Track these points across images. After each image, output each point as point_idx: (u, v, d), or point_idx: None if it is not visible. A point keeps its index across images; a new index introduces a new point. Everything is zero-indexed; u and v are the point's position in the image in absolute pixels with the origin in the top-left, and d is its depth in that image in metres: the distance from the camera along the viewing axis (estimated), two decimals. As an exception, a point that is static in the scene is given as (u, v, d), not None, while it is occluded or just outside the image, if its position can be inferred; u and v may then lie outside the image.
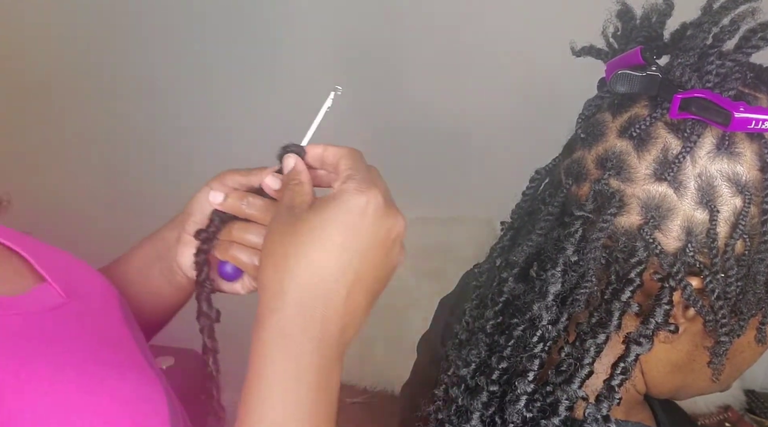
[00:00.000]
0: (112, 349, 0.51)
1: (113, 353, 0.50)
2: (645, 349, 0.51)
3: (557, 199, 0.56)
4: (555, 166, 0.59)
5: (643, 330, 0.51)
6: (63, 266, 0.54)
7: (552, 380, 0.52)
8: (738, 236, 0.49)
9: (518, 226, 0.61)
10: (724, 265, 0.50)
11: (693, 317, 0.52)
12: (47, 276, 0.51)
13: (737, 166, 0.49)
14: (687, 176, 0.50)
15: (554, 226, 0.56)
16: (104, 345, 0.50)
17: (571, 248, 0.52)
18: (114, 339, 0.53)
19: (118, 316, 0.56)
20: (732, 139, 0.49)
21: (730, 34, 0.49)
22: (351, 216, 0.48)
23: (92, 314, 0.53)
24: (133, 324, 0.58)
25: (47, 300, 0.49)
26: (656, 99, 0.51)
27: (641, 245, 0.51)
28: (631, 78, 0.50)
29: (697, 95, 0.48)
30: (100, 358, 0.48)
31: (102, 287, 0.58)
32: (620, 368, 0.51)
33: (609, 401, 0.50)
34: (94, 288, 0.56)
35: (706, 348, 0.54)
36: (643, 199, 0.51)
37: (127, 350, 0.53)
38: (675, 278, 0.50)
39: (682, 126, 0.50)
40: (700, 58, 0.49)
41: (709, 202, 0.49)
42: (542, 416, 0.52)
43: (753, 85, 0.51)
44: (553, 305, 0.52)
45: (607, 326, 0.51)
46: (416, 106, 1.42)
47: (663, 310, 0.50)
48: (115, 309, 0.57)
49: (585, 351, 0.51)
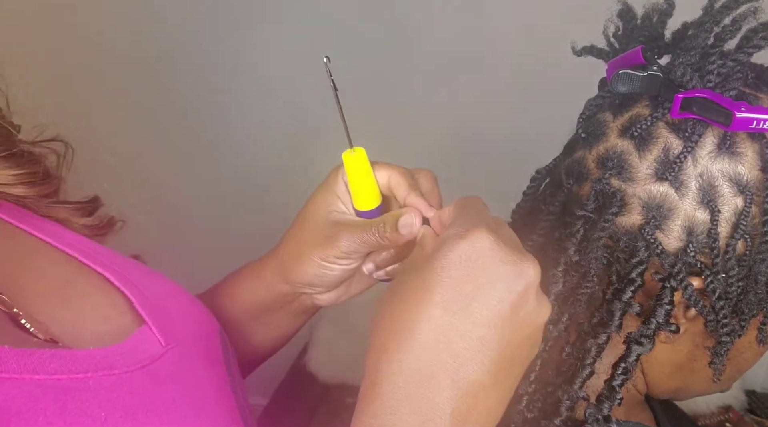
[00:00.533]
0: (204, 404, 0.44)
1: (205, 410, 0.44)
2: (646, 349, 0.51)
3: (558, 199, 0.56)
4: (555, 166, 0.59)
5: (644, 330, 0.50)
6: (164, 304, 0.48)
7: (553, 380, 0.52)
8: (739, 236, 0.49)
9: (518, 226, 0.61)
10: (726, 265, 0.50)
11: (694, 318, 0.52)
12: (147, 319, 0.45)
13: (738, 166, 0.49)
14: (688, 176, 0.49)
15: (555, 226, 0.56)
16: (195, 403, 0.43)
17: (572, 248, 0.52)
18: (209, 389, 0.46)
19: (218, 358, 0.50)
20: (733, 139, 0.49)
21: (731, 34, 0.49)
22: (452, 270, 0.38)
23: (191, 362, 0.46)
24: (231, 362, 0.53)
25: (146, 350, 0.43)
26: (657, 99, 0.51)
27: (642, 245, 0.51)
28: (633, 78, 0.50)
29: (698, 95, 0.48)
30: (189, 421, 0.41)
31: (205, 325, 0.52)
32: (621, 368, 0.51)
33: (610, 401, 0.50)
34: (198, 326, 0.51)
35: (707, 348, 0.54)
36: (644, 199, 0.51)
37: (221, 400, 0.46)
38: (676, 278, 0.50)
39: (683, 126, 0.50)
40: (701, 57, 0.49)
41: (710, 202, 0.49)
42: (543, 417, 0.52)
43: (754, 86, 0.51)
44: (553, 304, 0.52)
45: (608, 326, 0.51)
46: (416, 106, 1.42)
47: (664, 310, 0.50)
48: (216, 349, 0.51)
49: (586, 351, 0.51)
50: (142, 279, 0.49)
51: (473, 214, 0.42)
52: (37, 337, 0.39)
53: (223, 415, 0.45)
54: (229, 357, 0.53)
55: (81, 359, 0.38)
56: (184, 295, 0.53)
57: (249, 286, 0.61)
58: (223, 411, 0.45)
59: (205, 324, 0.52)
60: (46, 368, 0.35)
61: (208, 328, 0.52)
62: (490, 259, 0.38)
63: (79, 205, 0.51)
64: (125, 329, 0.43)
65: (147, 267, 0.54)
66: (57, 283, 0.44)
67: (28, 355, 0.35)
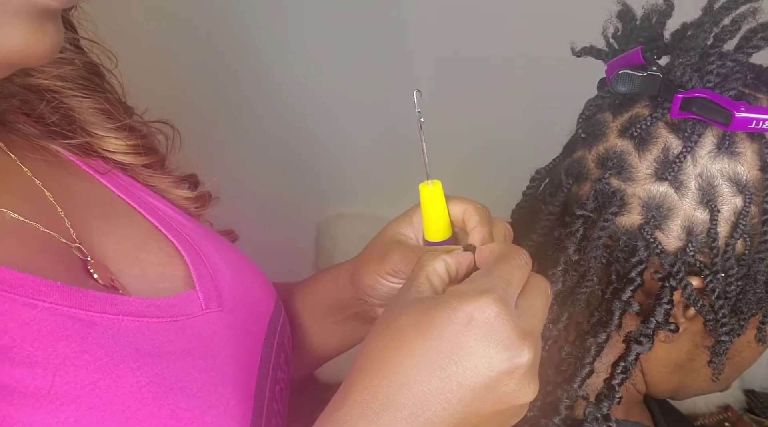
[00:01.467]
0: (218, 373, 0.47)
1: (216, 378, 0.46)
2: (645, 348, 0.51)
3: (558, 198, 0.56)
4: (555, 166, 0.60)
5: (643, 329, 0.51)
6: (220, 275, 0.53)
7: (552, 379, 0.52)
8: (738, 236, 0.50)
9: (518, 226, 0.61)
10: (725, 264, 0.50)
11: (693, 317, 0.52)
12: (197, 285, 0.50)
13: (738, 166, 0.49)
14: (688, 176, 0.50)
15: (555, 225, 0.56)
16: (209, 369, 0.46)
17: (572, 247, 0.52)
18: (227, 362, 0.48)
19: (259, 337, 0.53)
20: (733, 138, 0.50)
21: (731, 34, 0.49)
22: (450, 327, 0.39)
23: (224, 330, 0.50)
24: (275, 344, 0.56)
25: (184, 308, 0.48)
26: (657, 99, 0.51)
27: (642, 245, 0.51)
28: (632, 78, 0.50)
29: (697, 95, 0.48)
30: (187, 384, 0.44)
31: (260, 301, 0.56)
32: (621, 367, 0.51)
33: (609, 400, 0.51)
34: (250, 299, 0.54)
35: (706, 348, 0.54)
36: (643, 199, 0.51)
37: (240, 376, 0.49)
38: (675, 278, 0.50)
39: (682, 126, 0.50)
40: (701, 58, 0.49)
41: (709, 201, 0.49)
42: (542, 415, 0.52)
43: (753, 86, 0.51)
44: (553, 304, 0.52)
45: (607, 325, 0.51)
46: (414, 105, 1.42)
47: (663, 309, 0.50)
48: (261, 329, 0.54)
49: (585, 350, 0.51)
50: (210, 249, 0.54)
51: (501, 274, 0.42)
52: (98, 282, 0.45)
53: (236, 393, 0.48)
54: (277, 335, 0.56)
55: (119, 304, 0.43)
56: (248, 268, 0.57)
57: (326, 282, 0.65)
58: (234, 389, 0.48)
59: (257, 299, 0.56)
60: (85, 306, 0.41)
61: (261, 303, 0.56)
62: (484, 331, 0.39)
63: (180, 178, 0.59)
64: (176, 290, 0.49)
65: (224, 240, 0.59)
66: (134, 243, 0.50)
67: (74, 293, 0.41)
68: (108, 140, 0.53)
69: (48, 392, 0.38)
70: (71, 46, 0.52)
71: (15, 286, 0.39)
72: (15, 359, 0.37)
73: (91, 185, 0.53)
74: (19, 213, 0.44)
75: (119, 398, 0.40)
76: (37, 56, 0.36)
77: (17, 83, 0.50)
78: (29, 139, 0.51)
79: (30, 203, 0.46)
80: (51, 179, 0.49)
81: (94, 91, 0.53)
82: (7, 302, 0.38)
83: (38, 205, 0.47)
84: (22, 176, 0.48)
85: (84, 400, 0.39)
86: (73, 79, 0.51)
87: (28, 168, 0.48)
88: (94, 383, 0.39)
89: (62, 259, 0.45)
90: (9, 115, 0.50)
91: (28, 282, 0.40)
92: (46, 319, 0.39)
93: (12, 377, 0.37)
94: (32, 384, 0.37)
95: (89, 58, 0.53)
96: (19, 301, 0.39)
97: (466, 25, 1.37)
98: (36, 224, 0.45)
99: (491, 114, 1.40)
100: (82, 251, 0.46)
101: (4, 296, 0.39)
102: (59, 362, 0.39)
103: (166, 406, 0.42)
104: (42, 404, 0.37)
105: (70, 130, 0.52)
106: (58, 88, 0.51)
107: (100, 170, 0.54)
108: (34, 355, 0.38)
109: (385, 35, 1.42)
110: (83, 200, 0.51)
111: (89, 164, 0.53)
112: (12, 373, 0.37)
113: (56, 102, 0.51)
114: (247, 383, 0.50)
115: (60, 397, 0.38)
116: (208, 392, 0.45)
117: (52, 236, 0.45)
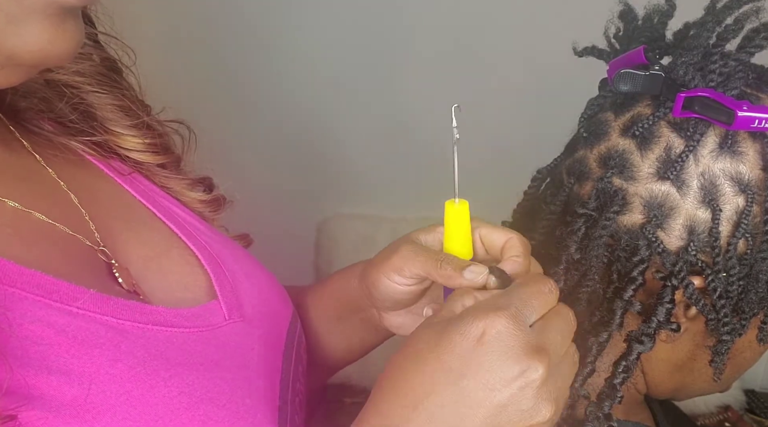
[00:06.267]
0: (245, 384, 0.47)
1: (243, 389, 0.46)
2: (647, 347, 0.51)
3: (559, 198, 0.56)
4: (557, 165, 0.59)
5: (645, 329, 0.51)
6: (239, 284, 0.53)
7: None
8: (740, 235, 0.50)
9: (520, 225, 0.61)
10: (727, 264, 0.50)
11: (695, 316, 0.52)
12: (219, 295, 0.50)
13: (740, 165, 0.49)
14: (690, 175, 0.50)
15: (556, 225, 0.56)
16: (237, 380, 0.46)
17: (574, 246, 0.52)
18: (253, 374, 0.48)
19: (278, 348, 0.53)
20: (735, 138, 0.49)
21: (733, 34, 0.49)
22: (463, 344, 0.40)
23: (247, 341, 0.50)
24: (296, 351, 0.56)
25: (208, 319, 0.47)
26: (659, 98, 0.51)
27: (644, 244, 0.51)
28: (635, 77, 0.50)
29: (700, 94, 0.48)
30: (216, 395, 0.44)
31: (276, 310, 0.55)
32: (622, 367, 0.51)
33: (611, 399, 0.50)
34: (267, 309, 0.54)
35: (707, 347, 0.54)
36: (645, 198, 0.51)
37: (265, 388, 0.49)
38: (677, 277, 0.50)
39: (685, 125, 0.50)
40: (703, 57, 0.49)
41: (711, 201, 0.49)
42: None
43: (755, 86, 0.51)
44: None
45: (609, 324, 0.51)
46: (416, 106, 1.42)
47: (665, 309, 0.50)
48: (281, 336, 0.54)
49: (587, 349, 0.51)
50: (228, 258, 0.54)
51: (519, 295, 0.42)
52: (122, 287, 0.45)
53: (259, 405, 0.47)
54: (295, 346, 0.56)
55: (148, 313, 0.43)
56: (264, 278, 0.57)
57: (338, 281, 0.64)
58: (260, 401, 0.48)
59: (275, 309, 0.56)
60: (116, 314, 0.41)
61: (279, 314, 0.56)
62: (495, 346, 0.39)
63: (195, 180, 0.59)
64: (199, 300, 0.49)
65: (240, 248, 0.59)
66: (156, 251, 0.50)
67: (106, 300, 0.41)
68: (125, 138, 0.53)
69: (84, 401, 0.37)
70: (90, 41, 0.51)
71: (51, 291, 0.38)
72: (52, 366, 0.37)
73: (113, 188, 0.52)
74: (46, 215, 0.44)
75: (152, 409, 0.40)
76: (60, 54, 0.36)
77: (36, 80, 0.49)
78: (50, 139, 0.50)
79: (55, 205, 0.46)
80: (75, 181, 0.49)
81: (113, 87, 0.53)
82: (43, 308, 0.38)
83: (63, 207, 0.46)
84: (48, 177, 0.48)
85: (119, 410, 0.38)
86: (91, 75, 0.51)
87: (53, 169, 0.48)
88: (128, 393, 0.39)
89: (88, 262, 0.44)
90: (29, 113, 0.50)
91: (63, 288, 0.39)
92: (81, 326, 0.39)
93: (50, 385, 0.36)
94: (69, 392, 0.37)
95: (107, 54, 0.53)
96: (54, 307, 0.38)
97: (468, 25, 1.37)
98: (62, 226, 0.44)
99: (492, 114, 1.40)
100: (107, 255, 0.46)
101: (41, 301, 0.38)
102: (94, 371, 0.38)
103: (197, 417, 0.41)
104: (78, 413, 0.37)
105: (90, 127, 0.52)
106: (77, 84, 0.51)
107: (122, 172, 0.53)
108: (70, 362, 0.37)
109: (385, 36, 1.42)
110: (106, 203, 0.50)
111: (110, 166, 0.53)
112: (49, 381, 0.36)
113: (76, 99, 0.51)
114: (271, 395, 0.49)
115: (96, 406, 0.37)
116: (237, 403, 0.45)
117: (78, 238, 0.45)
